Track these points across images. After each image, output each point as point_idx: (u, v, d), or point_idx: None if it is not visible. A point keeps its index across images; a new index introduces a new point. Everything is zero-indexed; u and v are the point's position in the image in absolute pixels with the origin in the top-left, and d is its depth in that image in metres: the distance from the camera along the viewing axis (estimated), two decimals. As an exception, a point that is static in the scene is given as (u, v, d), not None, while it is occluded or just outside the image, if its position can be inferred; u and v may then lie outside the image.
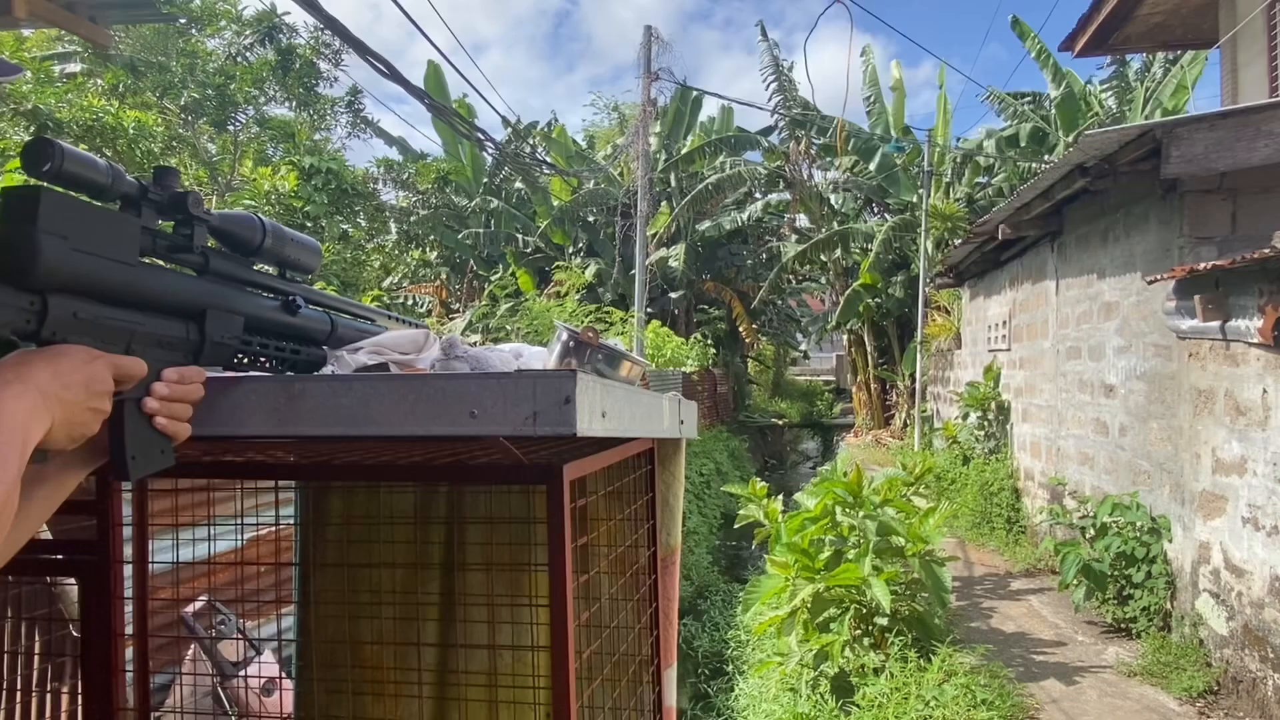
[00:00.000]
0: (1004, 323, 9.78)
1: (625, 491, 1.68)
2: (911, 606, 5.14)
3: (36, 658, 2.85)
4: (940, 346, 14.16)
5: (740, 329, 19.87)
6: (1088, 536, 5.84)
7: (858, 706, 4.48)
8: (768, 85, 17.66)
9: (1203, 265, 4.59)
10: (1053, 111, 14.58)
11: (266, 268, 1.12)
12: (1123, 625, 5.51)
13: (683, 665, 5.78)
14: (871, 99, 17.83)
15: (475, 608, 1.83)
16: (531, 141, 19.81)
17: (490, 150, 18.07)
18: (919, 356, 14.66)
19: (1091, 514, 5.89)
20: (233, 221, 1.01)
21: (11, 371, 0.74)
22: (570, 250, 19.09)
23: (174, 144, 12.26)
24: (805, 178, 18.40)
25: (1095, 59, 13.13)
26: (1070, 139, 13.10)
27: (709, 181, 17.98)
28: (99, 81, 11.93)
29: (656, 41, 12.98)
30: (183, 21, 11.81)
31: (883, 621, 4.89)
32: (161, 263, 0.94)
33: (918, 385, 14.61)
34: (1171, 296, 5.09)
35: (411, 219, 17.81)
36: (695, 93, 19.76)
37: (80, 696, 1.44)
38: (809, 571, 5.01)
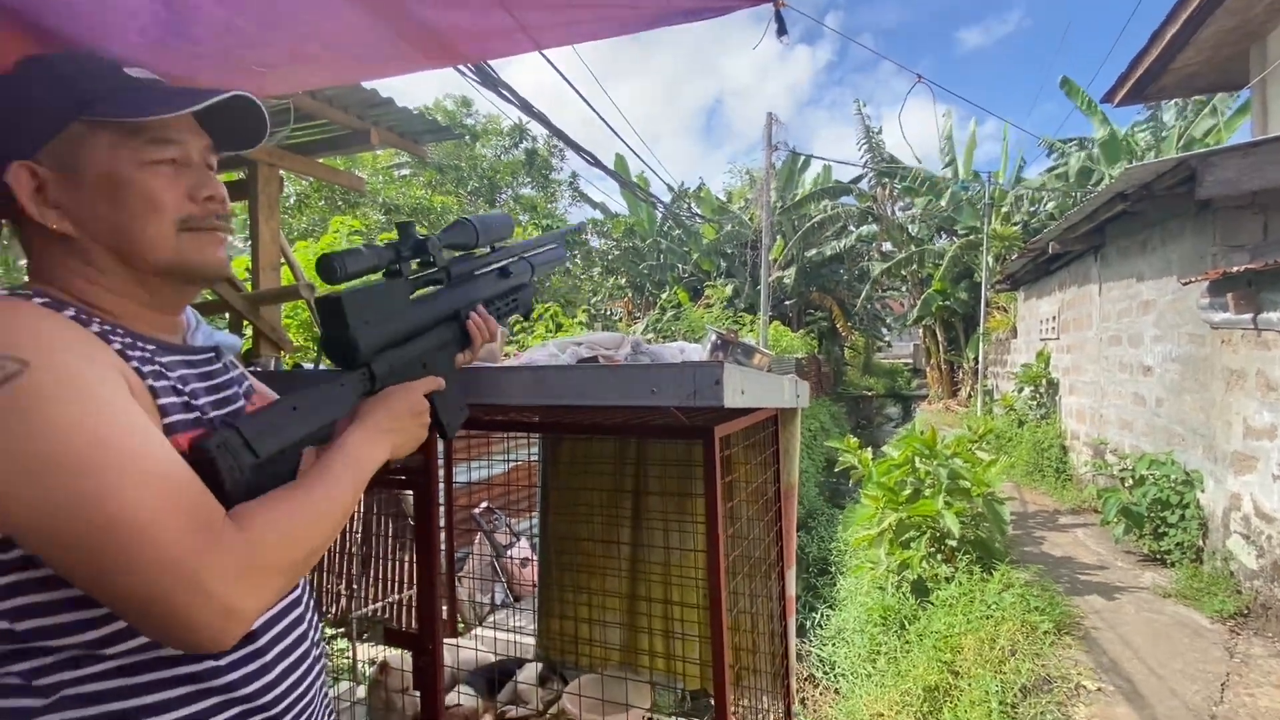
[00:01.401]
0: (1054, 317, 8.70)
1: (758, 444, 1.64)
2: (976, 533, 4.72)
3: (390, 538, 3.18)
4: (999, 337, 12.81)
5: (838, 326, 18.94)
6: (1126, 485, 5.09)
7: (933, 604, 4.17)
8: (860, 146, 16.65)
9: (1235, 268, 3.87)
10: (1096, 150, 12.75)
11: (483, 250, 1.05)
12: (1158, 556, 4.76)
13: (797, 566, 5.61)
14: (946, 150, 16.37)
15: (654, 519, 1.86)
16: (686, 200, 19.80)
17: (659, 209, 18.26)
18: (981, 344, 13.35)
19: (1130, 468, 5.13)
20: (455, 233, 0.95)
21: (358, 423, 0.72)
22: (714, 274, 18.90)
23: (463, 216, 13.28)
24: (889, 214, 17.18)
25: (1133, 106, 11.33)
26: (1113, 172, 11.42)
27: (814, 221, 17.21)
28: (420, 178, 13.15)
29: (775, 123, 12.58)
30: (468, 139, 12.77)
31: (952, 543, 4.52)
32: (427, 287, 0.90)
33: (980, 366, 13.32)
34: (1205, 294, 4.33)
35: (609, 257, 18.37)
36: (803, 157, 18.94)
37: (415, 562, 1.57)
38: (894, 503, 4.71)
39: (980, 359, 13.32)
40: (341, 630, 3.07)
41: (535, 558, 3.61)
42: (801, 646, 4.71)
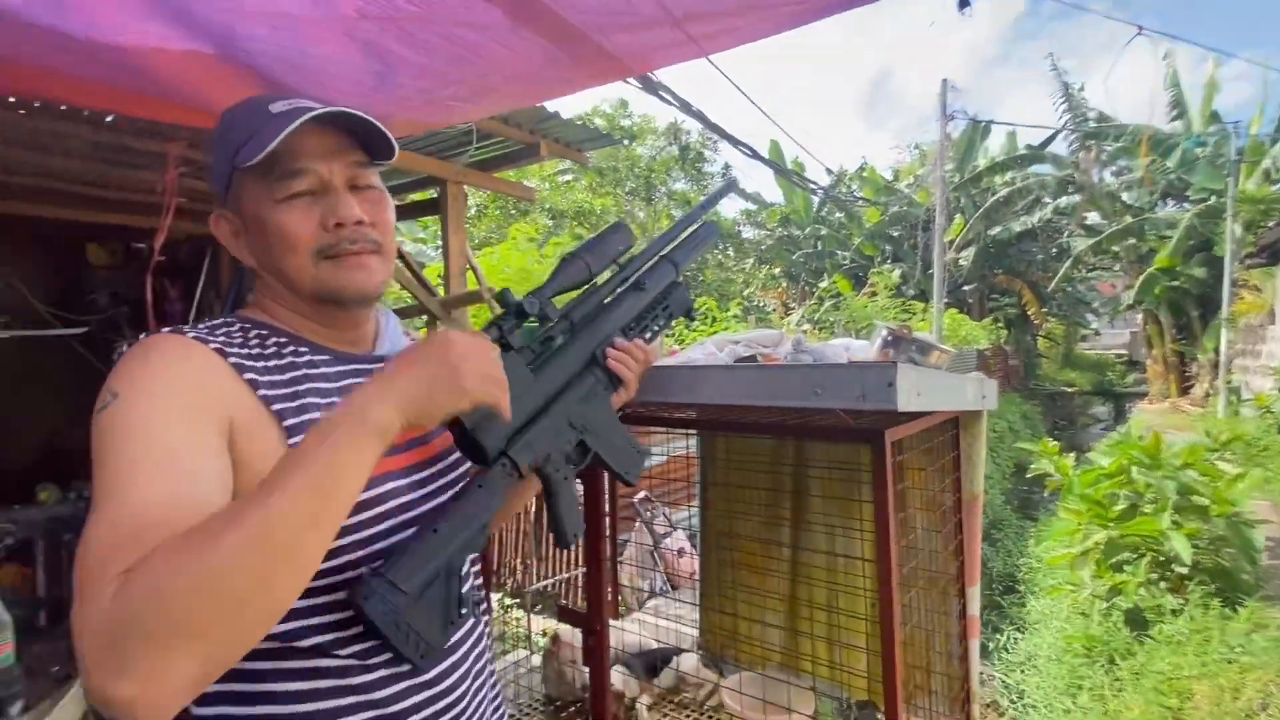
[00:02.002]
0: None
1: (935, 449, 1.51)
2: (1215, 560, 3.91)
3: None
4: (1250, 323, 10.49)
5: (1030, 313, 16.73)
6: None
7: (1153, 639, 3.54)
8: (1058, 105, 14.50)
9: None
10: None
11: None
12: None
13: (981, 579, 5.08)
14: (1173, 100, 13.68)
15: (816, 523, 1.79)
16: (847, 182, 18.74)
17: (816, 193, 17.48)
18: (1224, 332, 10.98)
19: None
20: (566, 274, 0.80)
21: (343, 410, 0.54)
22: (878, 259, 17.67)
23: (620, 215, 13.84)
24: (1096, 180, 14.76)
25: None
26: None
27: (999, 194, 15.35)
28: (581, 182, 13.95)
29: (951, 90, 11.41)
30: (626, 142, 13.27)
31: (1181, 570, 3.79)
32: (553, 341, 0.80)
33: (1223, 359, 10.99)
34: None
35: (762, 247, 18.04)
36: (984, 123, 16.96)
37: (584, 545, 1.66)
38: (1102, 519, 4.07)
39: (1223, 349, 11.00)
40: (518, 601, 3.38)
41: (691, 549, 3.66)
42: (984, 669, 4.27)
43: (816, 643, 1.75)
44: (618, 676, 2.04)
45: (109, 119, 2.19)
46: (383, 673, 0.65)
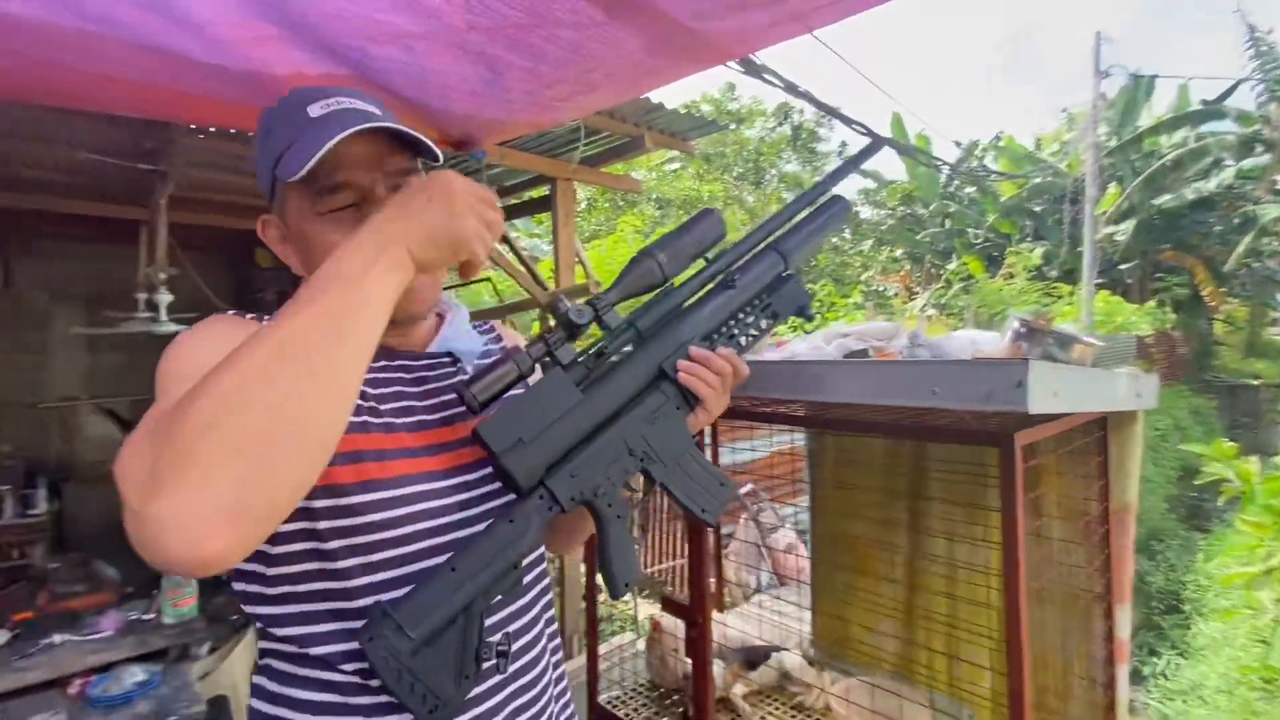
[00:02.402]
0: None
1: (1078, 452, 1.35)
2: None
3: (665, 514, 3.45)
4: None
5: (1203, 293, 14.47)
6: None
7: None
8: (1244, 51, 12.35)
9: None
10: None
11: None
12: None
13: (1135, 597, 4.53)
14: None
15: (936, 529, 1.67)
16: (978, 155, 17.17)
17: (943, 169, 16.18)
18: None
19: None
20: (635, 277, 0.68)
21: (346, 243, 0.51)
22: (1016, 237, 16.07)
23: (728, 201, 13.60)
24: (1294, 136, 12.42)
25: None
26: None
27: (1166, 159, 13.37)
28: (689, 169, 13.90)
29: (1105, 44, 10.08)
30: (733, 126, 13.00)
31: None
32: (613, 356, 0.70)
33: None
34: None
35: (882, 228, 17.02)
36: (1147, 78, 14.83)
37: (688, 537, 1.67)
38: (1294, 535, 3.47)
39: None
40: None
41: (801, 546, 3.56)
42: (1136, 697, 3.81)
43: (935, 655, 1.64)
44: (716, 668, 2.04)
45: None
46: (384, 698, 0.59)
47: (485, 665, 0.58)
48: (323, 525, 0.58)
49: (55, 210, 2.87)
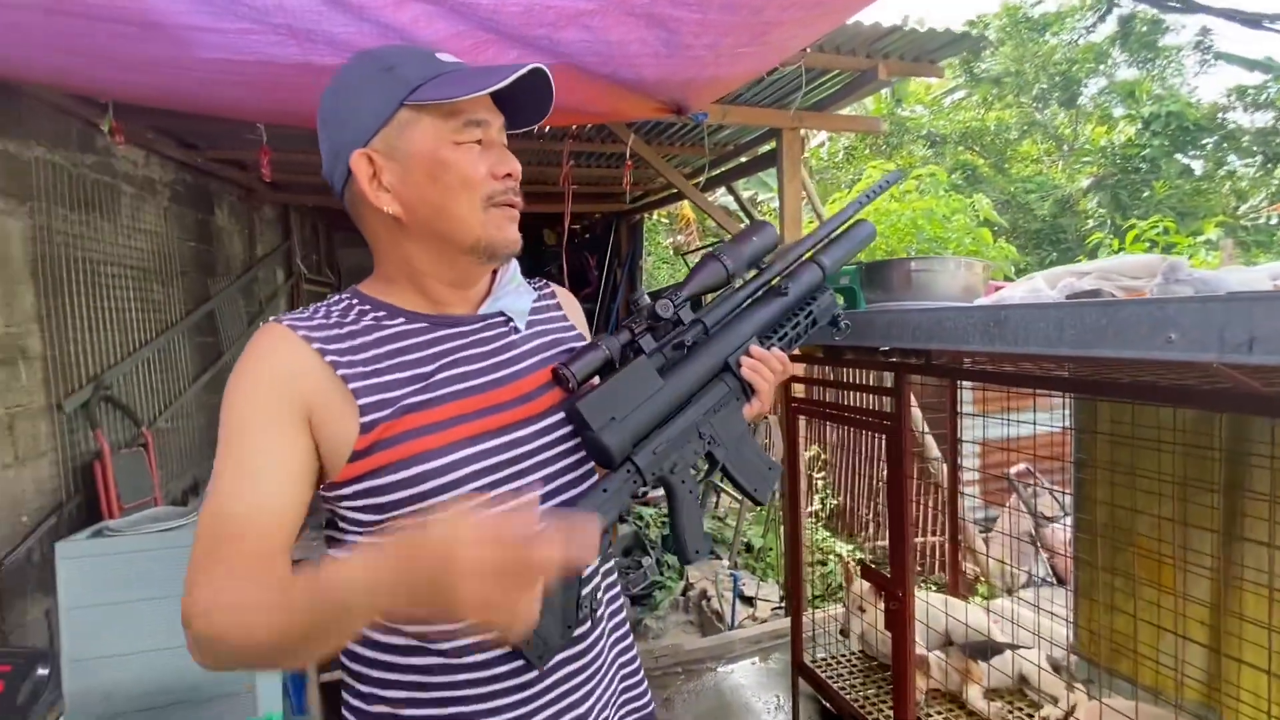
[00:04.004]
0: None
1: None
2: None
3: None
4: None
5: None
6: None
7: None
8: None
9: None
10: None
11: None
12: None
13: None
14: None
15: (1257, 530, 1.23)
16: None
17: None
18: None
19: None
20: (703, 277, 0.77)
21: (378, 560, 0.52)
22: None
23: (1028, 128, 11.25)
24: None
25: None
26: None
27: None
28: (974, 97, 11.81)
29: None
30: (990, 38, 10.56)
31: None
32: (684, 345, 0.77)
33: None
34: None
35: (1274, 140, 12.15)
36: None
37: (889, 512, 1.52)
38: None
39: None
40: (851, 550, 3.40)
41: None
42: None
43: (1242, 695, 1.23)
44: (936, 657, 1.84)
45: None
46: (473, 674, 0.66)
47: (583, 614, 0.68)
48: (384, 499, 0.65)
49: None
